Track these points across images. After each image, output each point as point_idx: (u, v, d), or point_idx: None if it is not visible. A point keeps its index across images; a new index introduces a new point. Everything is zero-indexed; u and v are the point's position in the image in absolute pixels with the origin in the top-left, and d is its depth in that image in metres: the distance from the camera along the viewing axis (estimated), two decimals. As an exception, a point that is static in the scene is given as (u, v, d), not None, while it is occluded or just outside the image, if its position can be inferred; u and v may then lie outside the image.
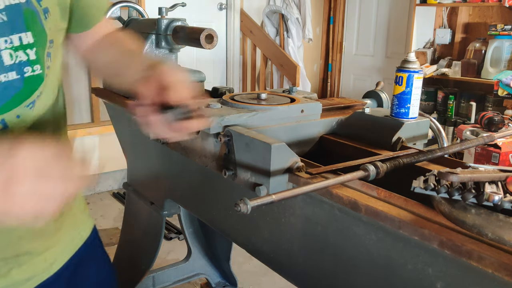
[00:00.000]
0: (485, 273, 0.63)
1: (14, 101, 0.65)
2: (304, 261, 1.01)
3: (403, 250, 0.77)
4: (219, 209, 1.25)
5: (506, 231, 0.64)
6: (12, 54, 0.62)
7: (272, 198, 0.70)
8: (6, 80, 0.62)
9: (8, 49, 0.62)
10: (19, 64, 0.64)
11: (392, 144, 1.11)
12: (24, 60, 0.64)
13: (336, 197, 0.84)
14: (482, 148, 2.21)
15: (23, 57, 0.64)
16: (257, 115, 1.09)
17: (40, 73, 0.68)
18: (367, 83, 4.32)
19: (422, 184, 0.73)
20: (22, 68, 0.64)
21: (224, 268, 2.04)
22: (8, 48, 0.62)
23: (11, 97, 0.64)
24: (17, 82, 0.64)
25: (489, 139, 1.04)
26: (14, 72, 0.63)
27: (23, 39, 0.63)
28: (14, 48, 0.62)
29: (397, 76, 1.14)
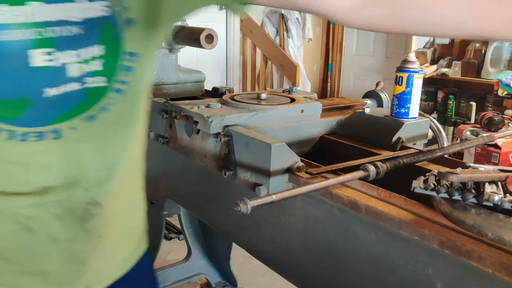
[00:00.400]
0: (485, 273, 0.63)
1: (71, 112, 0.60)
2: (304, 261, 1.01)
3: (403, 250, 0.77)
4: (219, 209, 1.25)
5: (506, 231, 0.64)
6: (79, 67, 0.59)
7: (272, 198, 0.70)
8: (68, 90, 0.59)
9: (77, 62, 0.58)
10: (82, 75, 0.59)
11: (392, 144, 1.11)
12: (88, 71, 0.59)
13: (336, 197, 0.84)
14: (482, 148, 2.21)
15: (87, 68, 0.59)
16: (257, 115, 1.09)
17: (105, 86, 0.61)
18: (367, 83, 4.32)
19: (422, 184, 0.73)
20: (85, 79, 0.60)
21: (224, 268, 2.04)
22: (77, 62, 0.58)
23: (69, 108, 0.60)
24: (78, 93, 0.59)
25: (489, 139, 1.04)
26: (76, 83, 0.59)
27: (93, 52, 0.59)
28: (83, 61, 0.59)
29: (397, 76, 1.14)
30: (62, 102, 0.59)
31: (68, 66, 0.57)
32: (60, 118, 0.60)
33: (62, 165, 0.62)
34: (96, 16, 0.58)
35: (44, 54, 0.55)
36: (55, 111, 0.59)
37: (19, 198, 0.61)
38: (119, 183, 0.69)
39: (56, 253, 0.66)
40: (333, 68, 4.72)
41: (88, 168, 0.64)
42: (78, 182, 0.64)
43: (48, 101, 0.57)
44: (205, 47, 1.32)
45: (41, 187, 0.62)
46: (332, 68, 4.72)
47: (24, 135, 0.58)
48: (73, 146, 0.62)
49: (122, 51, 0.62)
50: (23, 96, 0.56)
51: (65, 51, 0.57)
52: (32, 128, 0.58)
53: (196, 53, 3.75)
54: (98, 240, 0.70)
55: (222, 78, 4.19)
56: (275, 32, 4.14)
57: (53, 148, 0.61)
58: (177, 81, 1.53)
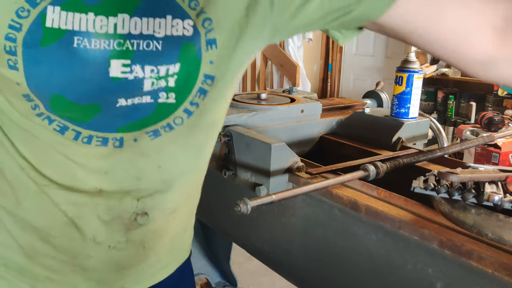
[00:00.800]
0: (485, 273, 0.63)
1: (138, 124, 0.60)
2: (304, 261, 1.01)
3: (403, 250, 0.77)
4: (219, 209, 1.26)
5: (506, 231, 0.64)
6: (154, 83, 0.58)
7: (272, 198, 0.70)
8: (139, 102, 0.58)
9: (152, 78, 0.57)
10: (156, 90, 0.58)
11: (392, 144, 1.11)
12: (162, 87, 0.58)
13: (336, 197, 0.84)
14: (482, 148, 2.21)
15: (162, 83, 0.58)
16: (257, 115, 1.09)
17: (173, 103, 0.60)
18: (367, 83, 4.32)
19: (422, 184, 0.73)
20: (157, 93, 0.59)
21: (224, 268, 2.04)
22: (151, 77, 0.57)
23: (137, 119, 0.60)
24: (149, 106, 0.59)
25: (489, 139, 1.04)
26: (149, 97, 0.58)
27: (170, 70, 0.57)
28: (157, 77, 0.58)
29: (397, 76, 1.14)
30: (131, 113, 0.59)
31: (144, 81, 0.57)
32: (126, 128, 0.60)
33: (119, 173, 0.62)
34: (179, 34, 0.56)
35: (121, 66, 0.55)
36: (122, 121, 0.59)
37: (73, 194, 0.62)
38: (173, 200, 0.69)
39: (96, 255, 0.67)
40: (333, 68, 4.72)
41: (143, 181, 0.64)
42: (131, 192, 0.64)
43: (118, 110, 0.57)
44: (205, 47, 1.32)
45: (95, 189, 0.62)
46: (332, 68, 4.72)
47: (89, 137, 0.59)
48: (133, 157, 0.62)
49: (199, 72, 0.60)
50: (96, 102, 0.56)
51: (143, 65, 0.56)
52: (98, 133, 0.59)
53: (196, 53, 3.74)
54: (140, 251, 0.70)
55: (222, 78, 4.18)
56: (275, 32, 4.14)
57: (113, 155, 0.61)
58: (177, 81, 1.53)
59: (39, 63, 0.52)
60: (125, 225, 0.66)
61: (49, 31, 0.51)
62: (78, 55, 0.52)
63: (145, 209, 0.66)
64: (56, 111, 0.56)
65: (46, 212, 0.64)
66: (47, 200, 0.63)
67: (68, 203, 0.63)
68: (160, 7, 0.55)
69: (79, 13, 0.51)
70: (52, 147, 0.59)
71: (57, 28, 0.51)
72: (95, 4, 0.52)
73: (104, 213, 0.64)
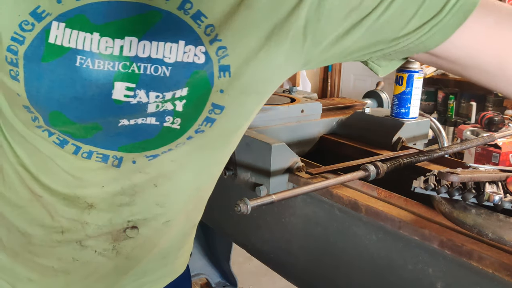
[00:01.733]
0: (485, 273, 0.63)
1: (140, 146, 0.58)
2: (304, 261, 1.01)
3: (403, 250, 0.77)
4: (219, 209, 1.25)
5: (506, 231, 0.64)
6: (159, 105, 0.55)
7: (272, 198, 0.70)
8: (143, 123, 0.56)
9: (156, 102, 0.54)
10: (162, 112, 0.55)
11: (392, 144, 1.11)
12: (168, 110, 0.55)
13: (336, 197, 0.84)
14: (483, 148, 2.21)
15: (169, 106, 0.55)
16: (257, 115, 1.09)
17: (177, 129, 0.57)
18: (367, 83, 4.32)
19: (423, 184, 0.73)
20: (164, 116, 0.55)
21: (224, 268, 2.04)
22: (156, 102, 0.54)
23: (140, 140, 0.57)
24: (153, 128, 0.56)
25: (489, 139, 1.04)
26: (154, 118, 0.56)
27: (176, 94, 0.54)
28: (163, 101, 0.54)
29: (397, 76, 1.14)
30: (134, 132, 0.56)
31: (147, 105, 0.54)
32: (128, 148, 0.58)
33: (115, 190, 0.61)
34: (190, 61, 0.53)
35: (125, 89, 0.52)
36: (125, 140, 0.57)
37: (66, 206, 0.61)
38: (166, 217, 0.67)
39: (81, 259, 0.66)
40: (333, 68, 4.72)
41: (139, 199, 0.63)
42: (124, 209, 0.63)
43: (120, 129, 0.55)
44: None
45: (86, 204, 0.61)
46: (332, 68, 4.72)
47: (89, 153, 0.57)
48: (130, 175, 0.60)
49: (207, 101, 0.56)
50: (97, 121, 0.54)
51: (148, 91, 0.53)
52: (99, 149, 0.57)
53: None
54: (125, 262, 0.69)
55: (222, 78, 4.18)
56: (275, 32, 4.14)
57: (111, 173, 0.59)
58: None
59: (40, 78, 0.51)
60: (113, 237, 0.65)
61: (52, 47, 0.50)
62: (80, 74, 0.50)
63: (136, 224, 0.65)
64: (55, 126, 0.55)
65: (34, 221, 0.63)
66: (38, 210, 0.62)
67: (59, 215, 0.62)
68: (173, 31, 0.52)
69: (84, 32, 0.50)
70: (51, 159, 0.58)
71: (60, 45, 0.50)
72: (102, 24, 0.50)
73: (93, 231, 0.63)
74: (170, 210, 0.67)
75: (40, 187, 0.61)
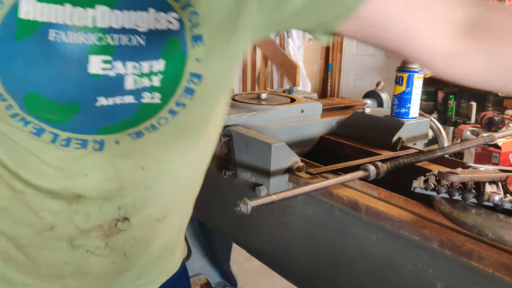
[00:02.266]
0: (485, 273, 0.63)
1: (120, 126, 0.57)
2: (304, 261, 1.01)
3: (403, 250, 0.77)
4: (219, 209, 1.25)
5: (506, 231, 0.64)
6: (137, 80, 0.54)
7: (272, 198, 0.70)
8: (121, 103, 0.55)
9: (134, 74, 0.54)
10: (139, 89, 0.55)
11: (392, 144, 1.11)
12: (146, 86, 0.55)
13: (336, 197, 0.84)
14: (483, 148, 2.21)
15: (146, 82, 0.55)
16: (257, 115, 1.09)
17: (158, 104, 0.57)
18: (367, 83, 4.32)
19: (423, 184, 0.73)
20: (140, 93, 0.55)
21: (224, 268, 2.04)
22: (134, 74, 0.54)
23: (118, 120, 0.57)
24: (132, 107, 0.56)
25: (489, 139, 1.04)
26: (131, 97, 0.55)
27: (153, 66, 0.54)
28: (140, 75, 0.54)
29: (397, 76, 1.14)
30: (112, 113, 0.55)
31: (125, 78, 0.54)
32: (107, 130, 0.57)
33: (100, 177, 0.59)
34: (163, 28, 0.53)
35: (102, 62, 0.52)
36: (103, 122, 0.56)
37: (50, 200, 0.59)
38: (159, 207, 0.66)
39: (74, 262, 0.64)
40: (333, 68, 4.72)
41: (126, 185, 0.61)
42: (112, 198, 0.61)
43: (98, 110, 0.54)
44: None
45: (73, 195, 0.59)
46: (332, 68, 4.72)
47: (67, 140, 0.56)
48: (114, 160, 0.59)
49: (185, 71, 0.56)
50: (74, 100, 0.53)
51: (124, 62, 0.53)
52: (77, 135, 0.56)
53: (196, 53, 3.74)
54: (121, 259, 0.67)
55: (222, 78, 4.18)
56: (275, 32, 4.14)
57: (93, 158, 0.58)
58: (177, 81, 1.53)
59: (13, 58, 0.49)
60: (105, 232, 0.63)
61: (24, 23, 0.48)
62: (55, 50, 0.49)
63: (126, 215, 0.63)
64: (32, 111, 0.53)
65: (19, 221, 0.61)
66: (22, 208, 0.60)
67: (45, 210, 0.60)
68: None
69: (55, 4, 0.49)
70: (28, 151, 0.56)
71: (33, 20, 0.48)
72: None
73: (82, 222, 0.61)
74: (161, 199, 0.66)
75: (20, 183, 0.58)
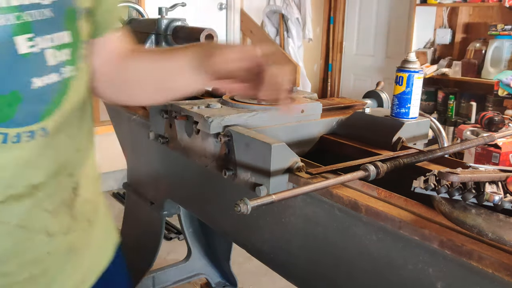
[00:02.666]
0: (485, 273, 0.63)
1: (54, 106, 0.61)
2: (304, 261, 1.01)
3: (403, 250, 0.77)
4: (219, 209, 1.25)
5: (506, 231, 0.64)
6: (55, 54, 0.59)
7: (272, 198, 0.69)
8: (48, 82, 0.59)
9: (52, 48, 0.59)
10: (58, 65, 0.60)
11: (392, 144, 1.11)
12: (63, 61, 0.61)
13: (336, 197, 0.84)
14: (483, 148, 2.20)
15: (62, 57, 0.60)
16: (257, 115, 1.09)
17: (73, 76, 0.63)
18: (367, 83, 4.32)
19: (423, 184, 0.73)
20: (61, 69, 0.61)
21: (224, 268, 2.04)
22: (52, 48, 0.59)
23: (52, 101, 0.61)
24: (57, 84, 0.60)
25: (489, 139, 1.04)
26: (55, 74, 0.60)
27: (64, 38, 0.60)
28: (57, 47, 0.59)
29: (397, 76, 1.14)
30: (46, 95, 0.60)
31: (46, 52, 0.58)
32: (47, 113, 0.61)
33: (48, 159, 0.63)
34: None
35: (27, 40, 0.55)
36: (41, 106, 0.60)
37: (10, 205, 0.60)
38: (87, 166, 0.74)
39: (53, 248, 0.66)
40: (333, 68, 4.72)
41: (65, 156, 0.67)
42: (61, 171, 0.66)
43: (35, 93, 0.58)
44: (205, 47, 1.32)
45: (31, 186, 0.61)
46: (332, 68, 4.72)
47: (17, 136, 0.58)
48: (54, 138, 0.63)
49: (81, 39, 0.64)
50: (14, 89, 0.56)
51: (43, 36, 0.57)
52: (24, 128, 0.58)
53: (196, 53, 3.74)
54: (87, 225, 0.73)
55: (222, 78, 4.18)
56: (275, 32, 4.14)
57: (42, 145, 0.61)
58: (177, 81, 1.53)
59: None
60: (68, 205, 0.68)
61: None
62: None
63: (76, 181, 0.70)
64: None
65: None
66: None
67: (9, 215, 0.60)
68: None
69: None
70: None
71: None
72: None
73: (48, 203, 0.64)
74: (86, 159, 0.73)
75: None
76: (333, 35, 4.64)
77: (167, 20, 1.43)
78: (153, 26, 1.44)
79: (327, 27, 4.66)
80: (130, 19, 1.64)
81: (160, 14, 1.47)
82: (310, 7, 4.11)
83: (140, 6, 1.76)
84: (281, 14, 4.06)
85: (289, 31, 4.06)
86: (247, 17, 3.99)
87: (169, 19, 1.44)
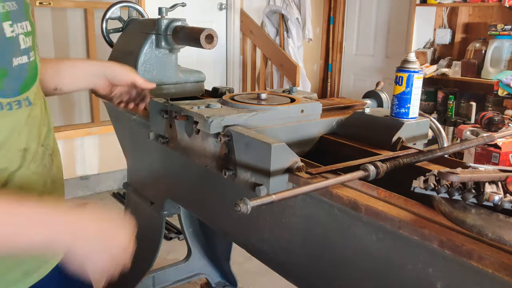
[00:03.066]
0: (485, 273, 0.63)
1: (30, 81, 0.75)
2: (304, 261, 1.01)
3: (403, 250, 0.77)
4: (219, 209, 1.25)
5: (506, 231, 0.64)
6: (24, 39, 0.72)
7: (272, 198, 0.70)
8: (22, 62, 0.72)
9: (22, 34, 0.71)
10: (27, 49, 0.73)
11: (392, 144, 1.11)
12: (29, 46, 0.74)
13: (336, 197, 0.84)
14: (482, 148, 2.20)
15: (28, 43, 0.73)
16: (257, 115, 1.09)
17: (34, 59, 0.77)
18: (367, 83, 4.32)
19: (422, 184, 0.73)
20: (29, 53, 0.74)
21: (224, 268, 2.04)
22: (22, 34, 0.71)
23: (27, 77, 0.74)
24: (27, 66, 0.73)
25: (489, 139, 1.04)
26: (25, 56, 0.73)
27: (28, 27, 0.73)
28: (25, 34, 0.72)
29: (397, 76, 1.14)
30: (22, 72, 0.73)
31: (19, 37, 0.71)
32: (25, 87, 0.74)
33: (31, 127, 0.76)
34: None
35: (9, 26, 0.68)
36: (20, 81, 0.72)
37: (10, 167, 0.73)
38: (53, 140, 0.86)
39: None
40: (333, 68, 4.72)
41: (40, 126, 0.80)
42: (39, 138, 0.79)
43: (14, 71, 0.70)
44: (205, 47, 1.32)
45: (22, 150, 0.74)
46: (332, 68, 4.72)
47: (9, 104, 0.70)
48: (34, 109, 0.76)
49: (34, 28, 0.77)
50: (2, 66, 0.68)
51: (17, 24, 0.70)
52: (13, 98, 0.71)
53: (196, 53, 3.73)
54: (61, 189, 0.87)
55: (222, 78, 4.19)
56: (275, 32, 4.14)
57: (27, 113, 0.74)
58: (177, 81, 1.53)
59: None
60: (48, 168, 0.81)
61: None
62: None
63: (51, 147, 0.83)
64: None
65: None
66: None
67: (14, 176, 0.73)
68: None
69: None
70: None
71: None
72: None
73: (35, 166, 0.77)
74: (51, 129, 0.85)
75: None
76: (333, 35, 4.64)
77: (167, 20, 1.43)
78: (153, 26, 1.44)
79: (327, 27, 4.66)
80: (130, 19, 1.64)
81: (160, 14, 1.46)
82: (310, 7, 4.11)
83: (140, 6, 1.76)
84: (281, 14, 4.06)
85: (289, 31, 4.06)
86: (247, 17, 3.99)
87: (169, 19, 1.43)
